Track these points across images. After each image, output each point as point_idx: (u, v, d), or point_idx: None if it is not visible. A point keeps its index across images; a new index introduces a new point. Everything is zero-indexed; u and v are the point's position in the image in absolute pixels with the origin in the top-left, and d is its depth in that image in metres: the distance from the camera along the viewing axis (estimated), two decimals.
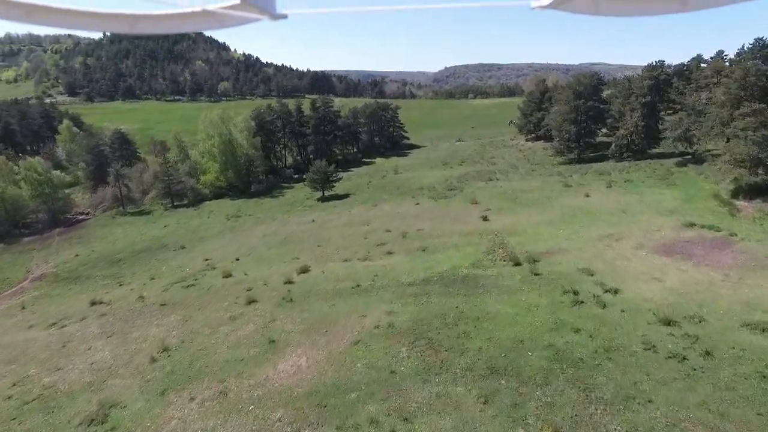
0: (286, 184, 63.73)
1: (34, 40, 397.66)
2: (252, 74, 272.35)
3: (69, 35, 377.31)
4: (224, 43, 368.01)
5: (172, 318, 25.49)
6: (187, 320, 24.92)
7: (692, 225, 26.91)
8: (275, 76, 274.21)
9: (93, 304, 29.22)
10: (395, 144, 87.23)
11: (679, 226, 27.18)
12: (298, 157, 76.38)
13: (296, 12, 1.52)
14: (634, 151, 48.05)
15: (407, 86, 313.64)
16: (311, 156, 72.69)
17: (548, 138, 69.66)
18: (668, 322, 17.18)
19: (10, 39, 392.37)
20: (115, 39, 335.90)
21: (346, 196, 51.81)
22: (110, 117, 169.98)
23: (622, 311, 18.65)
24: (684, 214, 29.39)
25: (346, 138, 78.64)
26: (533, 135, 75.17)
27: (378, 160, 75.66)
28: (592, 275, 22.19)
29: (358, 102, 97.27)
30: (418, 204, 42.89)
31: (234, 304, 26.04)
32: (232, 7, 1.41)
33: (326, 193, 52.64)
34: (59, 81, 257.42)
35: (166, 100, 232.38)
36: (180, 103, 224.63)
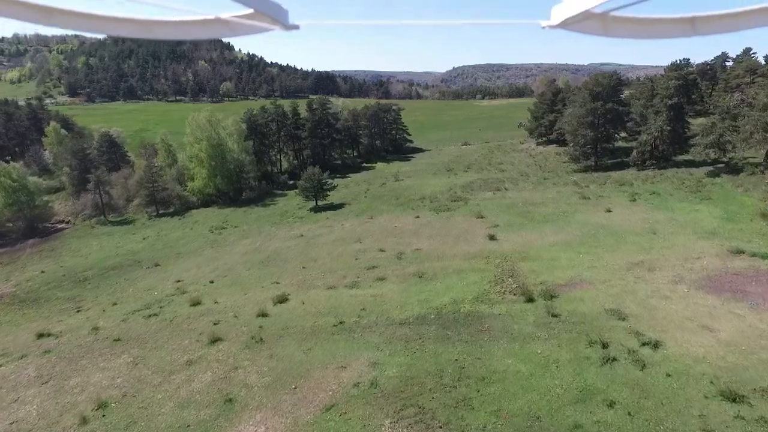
0: (279, 192, 60.21)
1: (42, 41, 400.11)
2: (255, 74, 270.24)
3: (76, 36, 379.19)
4: (228, 42, 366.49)
5: (121, 359, 21.91)
6: (137, 364, 21.33)
7: (740, 252, 22.80)
8: (279, 77, 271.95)
9: (40, 336, 25.70)
10: (398, 147, 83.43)
11: (724, 252, 23.09)
12: (295, 161, 72.88)
13: (309, 23, 1.55)
14: (657, 158, 43.88)
15: (413, 86, 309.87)
16: (307, 161, 69.09)
17: (561, 142, 65.50)
18: (733, 397, 13.20)
19: (17, 39, 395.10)
20: (119, 39, 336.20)
21: (340, 206, 48.11)
22: (110, 118, 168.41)
23: (668, 375, 14.70)
24: (727, 238, 25.28)
25: (345, 141, 75.01)
26: (545, 139, 71.00)
27: (379, 164, 71.89)
28: (623, 319, 18.23)
29: (363, 103, 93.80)
30: (417, 217, 39.07)
31: (196, 342, 22.43)
32: (245, 16, 1.45)
33: (319, 203, 48.99)
34: (61, 81, 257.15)
35: (168, 101, 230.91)
36: (182, 104, 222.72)
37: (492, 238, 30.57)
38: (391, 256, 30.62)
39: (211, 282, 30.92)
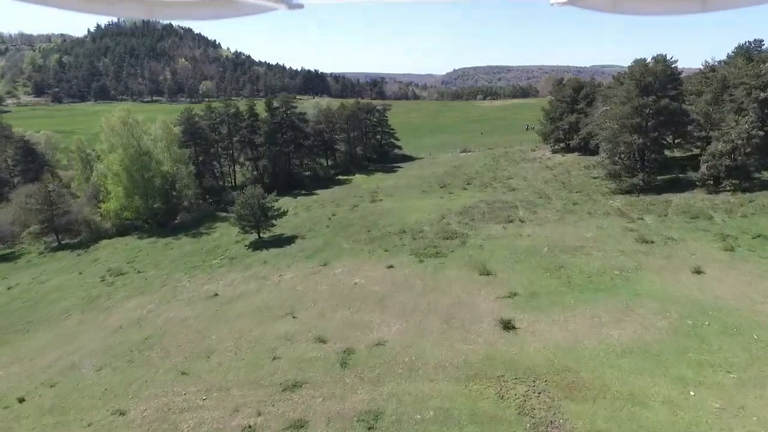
0: (223, 214, 47.65)
1: (26, 40, 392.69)
2: (240, 73, 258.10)
3: (62, 34, 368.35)
4: (215, 40, 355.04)
5: None
6: None
7: None
8: (265, 76, 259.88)
9: None
10: (383, 155, 70.99)
11: None
12: (255, 173, 60.40)
13: (313, 2, 1.53)
14: (736, 175, 31.63)
15: (410, 87, 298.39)
16: (265, 173, 56.64)
17: (586, 150, 53.28)
18: None
19: (1, 39, 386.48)
20: (98, 35, 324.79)
21: (291, 240, 35.65)
22: (71, 120, 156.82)
23: None
24: None
25: (316, 149, 62.60)
26: (563, 145, 58.79)
27: (357, 177, 59.42)
28: None
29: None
30: (391, 267, 26.64)
31: None
32: None
33: (263, 235, 36.56)
34: (31, 80, 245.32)
35: (143, 101, 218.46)
36: (157, 105, 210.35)
37: (507, 325, 18.08)
38: (333, 355, 18.13)
39: (22, 400, 18.34)
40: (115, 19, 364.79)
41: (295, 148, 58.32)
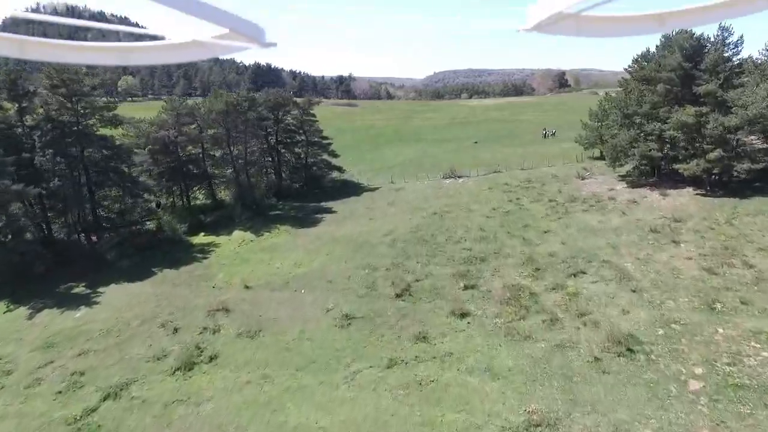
0: None
1: None
2: (175, 67, 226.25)
3: None
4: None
5: None
6: None
7: None
8: (209, 71, 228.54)
9: None
10: (311, 183, 42.31)
11: None
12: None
13: (286, 39, 1.35)
14: None
15: (383, 86, 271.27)
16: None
17: (721, 185, 25.63)
18: None
19: None
20: (8, 30, 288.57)
21: None
22: None
23: None
24: None
25: (158, 177, 33.51)
26: (644, 168, 31.11)
27: (231, 241, 30.36)
28: None
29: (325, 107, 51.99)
30: None
31: None
32: (221, 37, 1.56)
33: None
34: None
35: None
36: None
37: None
38: None
39: None
40: (34, 5, 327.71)
41: (99, 180, 28.83)
